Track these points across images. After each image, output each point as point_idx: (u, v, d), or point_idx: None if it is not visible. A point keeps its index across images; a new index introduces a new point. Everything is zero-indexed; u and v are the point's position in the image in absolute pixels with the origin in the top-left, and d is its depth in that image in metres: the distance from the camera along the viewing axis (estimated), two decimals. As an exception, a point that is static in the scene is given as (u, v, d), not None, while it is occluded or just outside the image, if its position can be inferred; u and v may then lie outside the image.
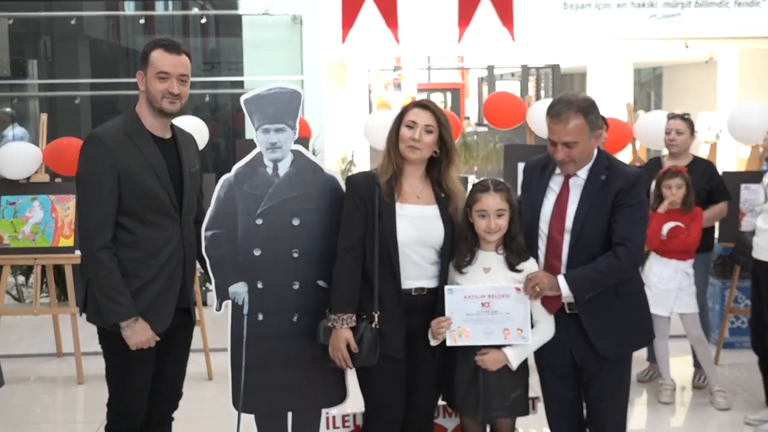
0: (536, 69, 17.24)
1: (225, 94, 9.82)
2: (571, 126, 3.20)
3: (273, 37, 8.79)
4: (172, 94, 3.23)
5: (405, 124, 3.25)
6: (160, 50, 3.23)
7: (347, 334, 3.21)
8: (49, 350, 6.37)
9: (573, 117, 3.20)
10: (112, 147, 3.15)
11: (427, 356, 3.32)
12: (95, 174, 3.14)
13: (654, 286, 5.02)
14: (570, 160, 3.24)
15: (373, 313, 3.22)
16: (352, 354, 3.22)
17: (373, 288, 3.23)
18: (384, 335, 3.22)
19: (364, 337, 3.20)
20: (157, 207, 3.22)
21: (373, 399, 3.33)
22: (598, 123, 3.27)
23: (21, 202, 5.88)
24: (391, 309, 3.23)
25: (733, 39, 11.97)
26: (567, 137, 3.20)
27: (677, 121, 5.34)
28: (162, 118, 3.29)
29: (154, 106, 3.25)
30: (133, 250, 3.20)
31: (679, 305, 5.05)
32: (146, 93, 3.26)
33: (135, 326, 3.16)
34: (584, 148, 3.24)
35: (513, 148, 6.26)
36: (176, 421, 3.62)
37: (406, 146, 3.24)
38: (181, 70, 3.25)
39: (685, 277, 5.04)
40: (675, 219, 5.01)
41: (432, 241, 3.28)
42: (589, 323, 3.26)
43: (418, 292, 3.27)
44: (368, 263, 3.24)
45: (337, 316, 3.22)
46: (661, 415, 5.09)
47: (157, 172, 3.21)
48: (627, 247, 3.19)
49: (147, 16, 9.88)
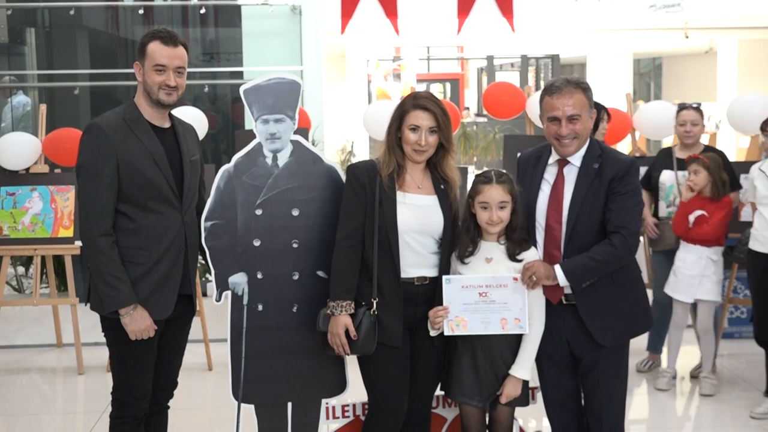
0: (536, 59, 17.22)
1: (224, 85, 9.80)
2: (573, 99, 3.24)
3: (272, 27, 8.77)
4: (169, 86, 3.24)
5: (408, 127, 3.24)
6: (157, 42, 3.24)
7: (346, 320, 3.23)
8: (50, 341, 6.38)
9: (574, 90, 3.24)
10: (111, 136, 3.18)
11: (428, 346, 3.33)
12: (95, 162, 3.17)
13: (679, 271, 5.10)
14: (575, 135, 3.25)
15: (372, 300, 3.24)
16: (351, 341, 3.24)
17: (372, 276, 3.24)
18: (382, 323, 3.24)
19: (362, 324, 3.22)
20: (158, 194, 3.24)
21: (375, 390, 3.34)
22: (591, 103, 3.31)
23: (20, 193, 5.88)
24: (390, 296, 3.24)
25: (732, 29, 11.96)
26: (572, 110, 3.23)
27: (691, 112, 5.29)
28: (159, 109, 3.31)
29: (152, 98, 3.27)
30: (135, 238, 3.22)
31: (701, 291, 5.06)
32: (143, 84, 3.28)
33: (134, 314, 3.18)
34: (585, 124, 3.27)
35: (512, 138, 6.26)
36: (176, 411, 3.64)
37: (412, 149, 3.25)
38: (177, 62, 3.26)
39: (710, 263, 5.05)
40: (702, 207, 5.04)
41: (431, 230, 3.28)
42: (585, 312, 3.27)
43: (420, 282, 3.27)
44: (368, 251, 3.25)
45: (336, 303, 3.24)
46: (661, 405, 5.11)
47: (156, 160, 3.23)
48: (622, 235, 3.20)
49: (146, 6, 9.84)
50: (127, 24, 10.40)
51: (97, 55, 10.31)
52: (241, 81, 8.52)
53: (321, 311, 3.35)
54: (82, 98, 9.71)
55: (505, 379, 3.28)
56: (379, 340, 3.24)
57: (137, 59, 3.28)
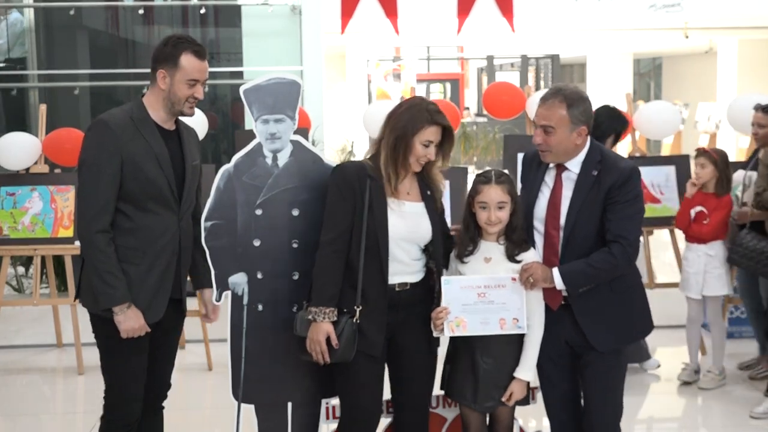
0: (536, 59, 17.25)
1: (224, 85, 9.80)
2: (550, 111, 3.19)
3: (272, 27, 8.78)
4: (197, 98, 3.25)
5: (422, 142, 3.14)
6: (192, 56, 3.21)
7: (328, 328, 3.14)
8: (49, 341, 6.37)
9: (556, 104, 3.19)
10: (117, 132, 3.15)
11: (411, 353, 3.28)
12: (99, 159, 3.14)
13: (684, 269, 5.19)
14: (546, 146, 3.22)
15: (355, 308, 3.17)
16: (331, 349, 3.16)
17: (357, 282, 3.16)
18: (364, 331, 3.16)
19: (344, 332, 3.14)
20: (158, 195, 3.23)
21: (349, 399, 3.27)
22: (581, 119, 3.20)
23: (20, 193, 5.88)
24: (374, 304, 3.17)
25: (732, 29, 11.97)
26: (544, 121, 3.20)
27: (757, 115, 5.20)
28: (174, 116, 3.31)
29: (174, 108, 3.25)
30: (131, 237, 3.20)
31: (705, 288, 5.11)
32: (167, 93, 3.23)
33: (128, 312, 3.16)
34: (562, 139, 3.20)
35: (512, 138, 6.26)
36: (176, 411, 3.64)
37: (417, 161, 3.18)
38: (206, 75, 3.27)
39: (710, 259, 5.07)
40: (702, 203, 5.05)
41: (418, 238, 3.24)
42: (581, 317, 3.25)
43: (401, 287, 3.22)
44: (353, 256, 3.17)
45: (318, 309, 3.14)
46: (661, 405, 5.11)
47: (159, 161, 3.22)
48: (621, 244, 3.16)
49: (146, 6, 9.85)
50: (127, 24, 10.40)
51: (97, 55, 10.32)
52: (241, 81, 8.52)
53: (299, 314, 3.29)
54: (82, 98, 9.71)
55: (503, 384, 3.28)
56: (359, 348, 3.17)
57: (162, 66, 3.21)
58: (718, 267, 5.07)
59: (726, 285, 5.12)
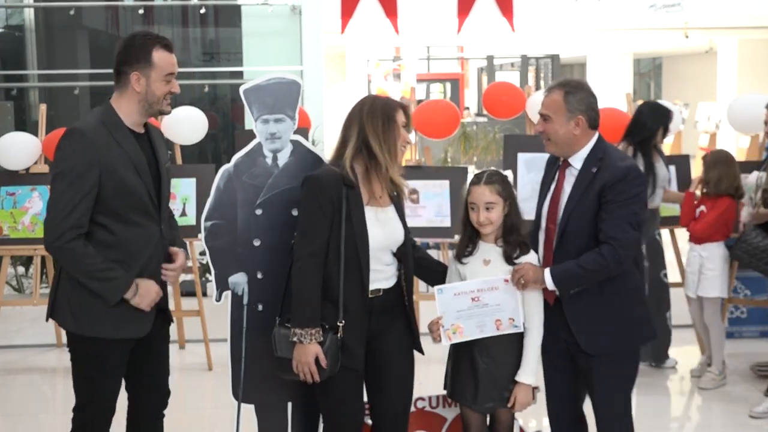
0: (536, 59, 17.24)
1: (224, 85, 9.82)
2: (548, 99, 3.23)
3: (272, 27, 8.78)
4: (173, 93, 3.14)
5: (402, 125, 3.13)
6: (162, 50, 3.09)
7: (317, 349, 3.02)
8: (49, 341, 6.37)
9: (554, 91, 3.23)
10: (94, 142, 2.99)
11: (388, 360, 3.23)
12: (77, 169, 2.96)
13: (686, 268, 5.30)
14: (545, 135, 3.24)
15: (338, 324, 3.09)
16: (319, 367, 3.05)
17: (338, 296, 3.07)
18: (346, 345, 3.08)
19: (329, 350, 3.06)
20: (139, 205, 3.09)
21: (332, 412, 3.21)
22: (579, 107, 3.19)
23: (20, 193, 5.88)
24: (354, 316, 3.11)
25: (732, 29, 11.98)
26: (543, 109, 3.23)
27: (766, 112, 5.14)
28: (152, 117, 3.20)
29: (152, 108, 3.12)
30: (113, 251, 3.05)
31: (700, 288, 5.15)
32: (144, 95, 3.08)
33: (139, 291, 3.06)
34: (558, 127, 3.20)
35: (513, 138, 6.25)
36: (177, 411, 3.62)
37: (401, 147, 3.15)
38: (177, 68, 3.17)
39: (703, 260, 5.11)
40: (703, 203, 5.15)
41: (393, 243, 3.21)
42: (572, 319, 3.23)
43: (374, 294, 3.16)
44: (332, 269, 3.07)
45: (304, 331, 3.02)
46: (660, 405, 5.11)
47: (137, 168, 3.08)
48: (612, 245, 3.11)
49: (146, 6, 9.86)
50: (127, 24, 10.41)
51: (97, 55, 10.33)
52: (241, 81, 8.53)
53: (278, 333, 3.17)
54: (82, 98, 9.72)
55: (502, 383, 3.27)
56: (343, 363, 3.08)
57: (134, 69, 3.05)
58: (712, 269, 5.08)
59: (720, 288, 5.12)
